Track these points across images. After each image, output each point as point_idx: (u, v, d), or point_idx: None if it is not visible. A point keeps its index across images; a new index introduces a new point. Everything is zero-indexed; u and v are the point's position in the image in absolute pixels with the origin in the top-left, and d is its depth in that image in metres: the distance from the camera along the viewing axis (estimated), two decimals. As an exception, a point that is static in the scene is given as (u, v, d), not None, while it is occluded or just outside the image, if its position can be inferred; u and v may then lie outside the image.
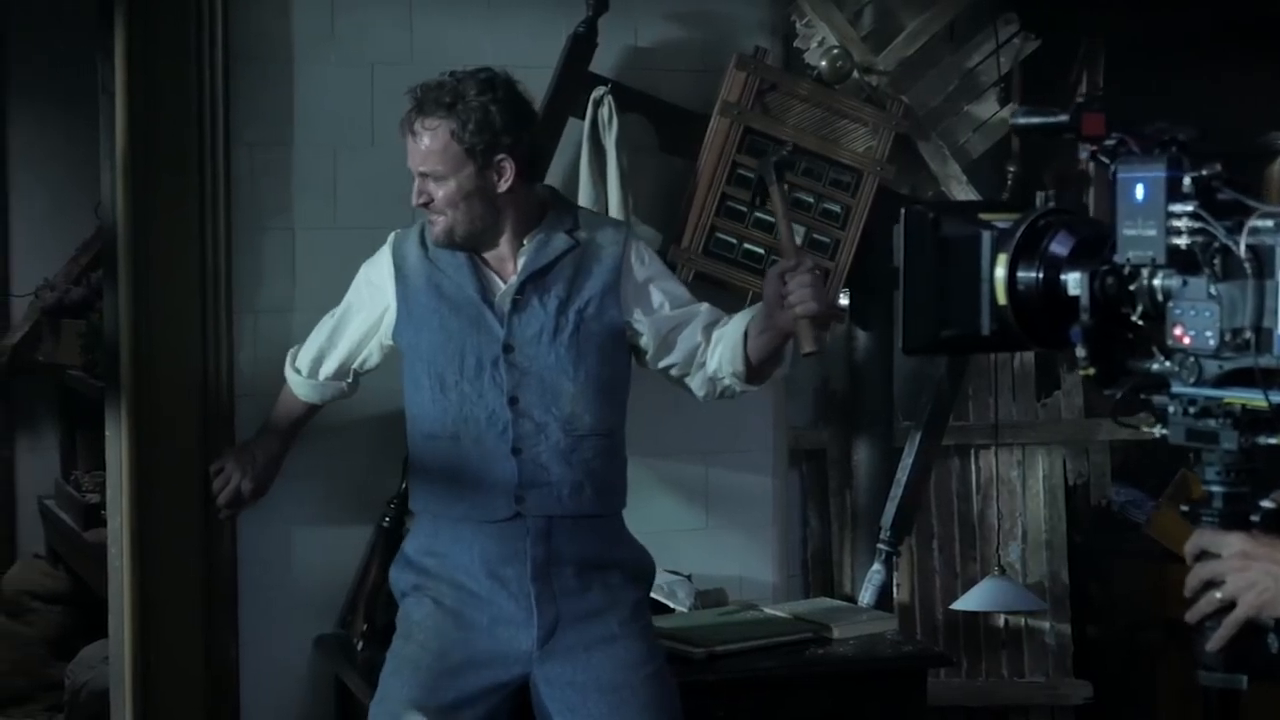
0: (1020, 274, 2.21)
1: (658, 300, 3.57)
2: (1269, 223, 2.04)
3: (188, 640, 3.94)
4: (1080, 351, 2.17)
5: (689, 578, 4.25)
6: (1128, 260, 2.12)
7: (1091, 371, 2.18)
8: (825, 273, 4.15)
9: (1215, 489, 2.18)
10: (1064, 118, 2.26)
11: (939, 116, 4.56)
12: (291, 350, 3.81)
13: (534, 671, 3.44)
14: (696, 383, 3.59)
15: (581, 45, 4.17)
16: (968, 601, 4.55)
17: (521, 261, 3.49)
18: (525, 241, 3.50)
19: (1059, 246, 2.21)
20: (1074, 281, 2.16)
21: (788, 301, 3.31)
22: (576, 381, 3.47)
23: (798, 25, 4.40)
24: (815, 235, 4.28)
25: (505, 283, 3.50)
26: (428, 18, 4.16)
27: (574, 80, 4.17)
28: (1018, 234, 2.22)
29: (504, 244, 3.50)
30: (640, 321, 3.56)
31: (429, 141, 3.42)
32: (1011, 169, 4.57)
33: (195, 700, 3.94)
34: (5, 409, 6.60)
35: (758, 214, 4.20)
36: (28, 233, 6.61)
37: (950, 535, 4.77)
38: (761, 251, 4.25)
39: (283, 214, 4.06)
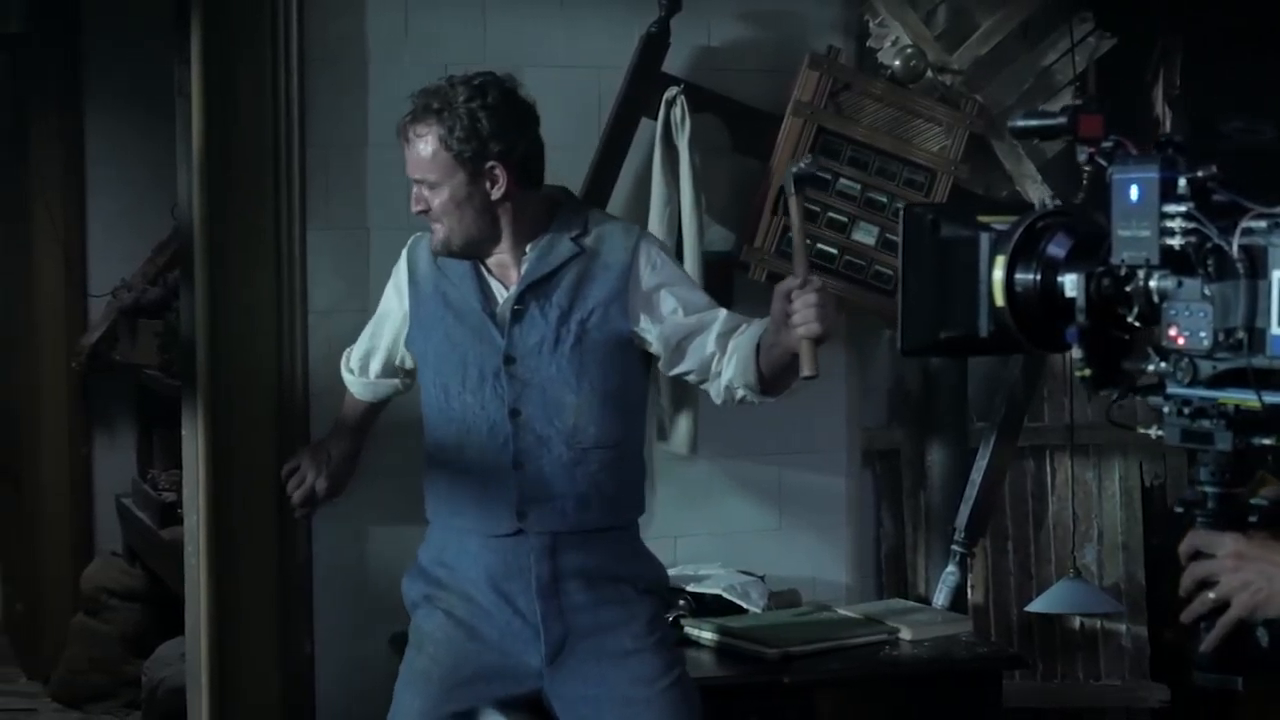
0: (1018, 275, 2.20)
1: (669, 306, 3.44)
2: (1263, 223, 2.04)
3: (263, 638, 3.96)
4: (1076, 353, 2.16)
5: (762, 578, 4.24)
6: (1123, 261, 2.12)
7: (1088, 373, 2.17)
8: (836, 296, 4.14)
9: (1209, 489, 2.17)
10: (1062, 120, 2.25)
11: (1013, 115, 4.52)
12: (346, 350, 3.81)
13: (545, 688, 3.40)
14: (713, 390, 3.47)
15: (654, 45, 4.17)
16: (1043, 603, 4.52)
17: (523, 270, 3.42)
18: (528, 249, 3.42)
19: (1056, 248, 2.20)
20: (1071, 283, 2.15)
21: (791, 321, 3.16)
22: (580, 393, 3.39)
23: (871, 25, 4.39)
24: (889, 235, 4.26)
25: (508, 291, 3.43)
26: (501, 18, 4.17)
27: (647, 80, 4.17)
28: (1016, 235, 2.21)
29: (506, 251, 3.43)
30: (648, 329, 3.45)
31: (421, 148, 3.36)
32: (1087, 168, 4.53)
33: (271, 697, 3.96)
34: (83, 408, 6.66)
35: (830, 214, 4.20)
36: (105, 234, 6.66)
37: (1025, 537, 4.74)
38: (834, 252, 4.24)
39: (356, 214, 4.08)
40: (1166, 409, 2.15)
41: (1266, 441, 2.11)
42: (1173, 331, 2.09)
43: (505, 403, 3.40)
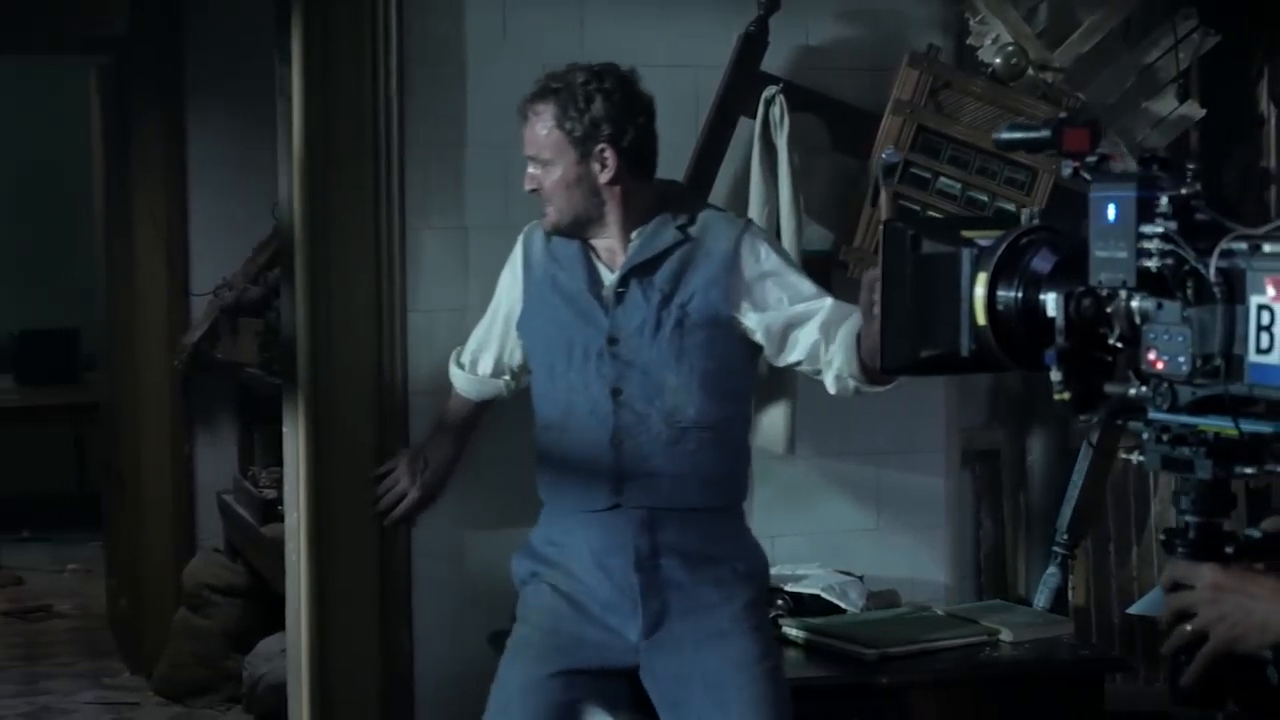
0: (1000, 293, 2.13)
1: (774, 296, 3.53)
2: (1242, 245, 1.95)
3: (363, 634, 3.99)
4: (1055, 375, 2.08)
5: (861, 578, 4.22)
6: (1099, 282, 2.04)
7: (1066, 396, 2.09)
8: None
9: (1190, 519, 2.10)
10: (1046, 133, 2.18)
11: (1116, 114, 4.48)
12: (457, 348, 3.87)
13: (641, 663, 3.45)
14: (828, 380, 3.51)
15: (753, 44, 4.17)
16: (1144, 606, 4.44)
17: (628, 254, 3.51)
18: (634, 235, 3.52)
19: (1039, 265, 2.12)
20: (1052, 302, 2.08)
21: (874, 312, 3.11)
22: (679, 375, 3.47)
23: (971, 23, 4.36)
24: (989, 234, 4.22)
25: (614, 275, 3.53)
26: (599, 18, 4.18)
27: (745, 79, 4.16)
28: (998, 252, 2.14)
29: (614, 236, 3.53)
30: (750, 316, 3.53)
31: (536, 126, 3.49)
32: (1191, 166, 4.48)
33: (371, 694, 3.99)
34: (185, 406, 6.73)
35: (930, 213, 4.17)
36: (207, 233, 6.73)
37: (1127, 538, 4.70)
38: (934, 250, 4.21)
39: (455, 213, 4.10)
40: (1146, 435, 2.08)
41: (1248, 471, 2.03)
42: (1152, 355, 2.01)
43: (607, 382, 3.49)
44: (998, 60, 4.26)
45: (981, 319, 2.14)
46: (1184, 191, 2.02)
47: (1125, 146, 4.42)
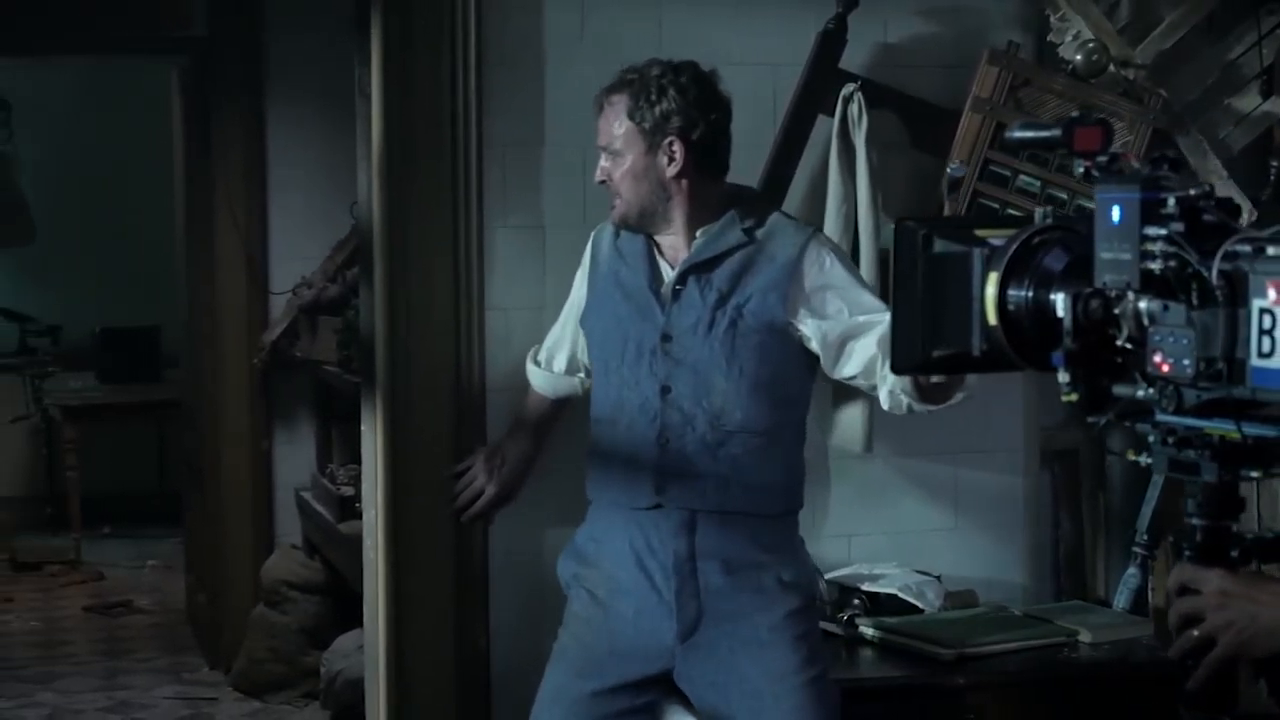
0: (1011, 293, 2.10)
1: (834, 307, 3.47)
2: (1246, 248, 1.92)
3: (440, 632, 4.00)
4: (1063, 376, 2.06)
5: (938, 578, 4.20)
6: (1104, 284, 2.02)
7: (1074, 397, 2.06)
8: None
9: (1196, 522, 2.08)
10: (1057, 133, 2.14)
11: (1198, 110, 4.44)
12: (535, 346, 3.88)
13: (677, 668, 3.44)
14: (882, 396, 3.46)
15: (831, 42, 4.15)
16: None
17: (690, 252, 3.50)
18: (699, 234, 3.50)
19: (1051, 265, 2.10)
20: (1061, 302, 2.06)
21: None
22: (730, 377, 3.44)
23: (1051, 19, 4.33)
24: (1069, 232, 4.20)
25: (675, 272, 3.52)
26: (677, 17, 4.17)
27: (823, 77, 4.15)
28: (1010, 251, 2.11)
29: (679, 233, 3.52)
30: (807, 324, 3.48)
31: (609, 116, 3.51)
32: (1275, 163, 4.44)
33: (447, 692, 4.00)
34: (264, 404, 6.77)
35: (1010, 211, 4.15)
36: (286, 232, 6.77)
37: (1207, 539, 4.65)
38: (1013, 249, 4.19)
39: (533, 212, 4.11)
40: (1152, 437, 2.06)
41: (1254, 474, 2.01)
42: (1157, 358, 1.98)
43: (658, 380, 3.48)
44: (1078, 57, 4.23)
45: (993, 319, 2.12)
46: (1192, 193, 1.99)
47: (1207, 144, 4.39)
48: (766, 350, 3.46)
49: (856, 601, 4.02)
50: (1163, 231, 1.97)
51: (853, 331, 3.45)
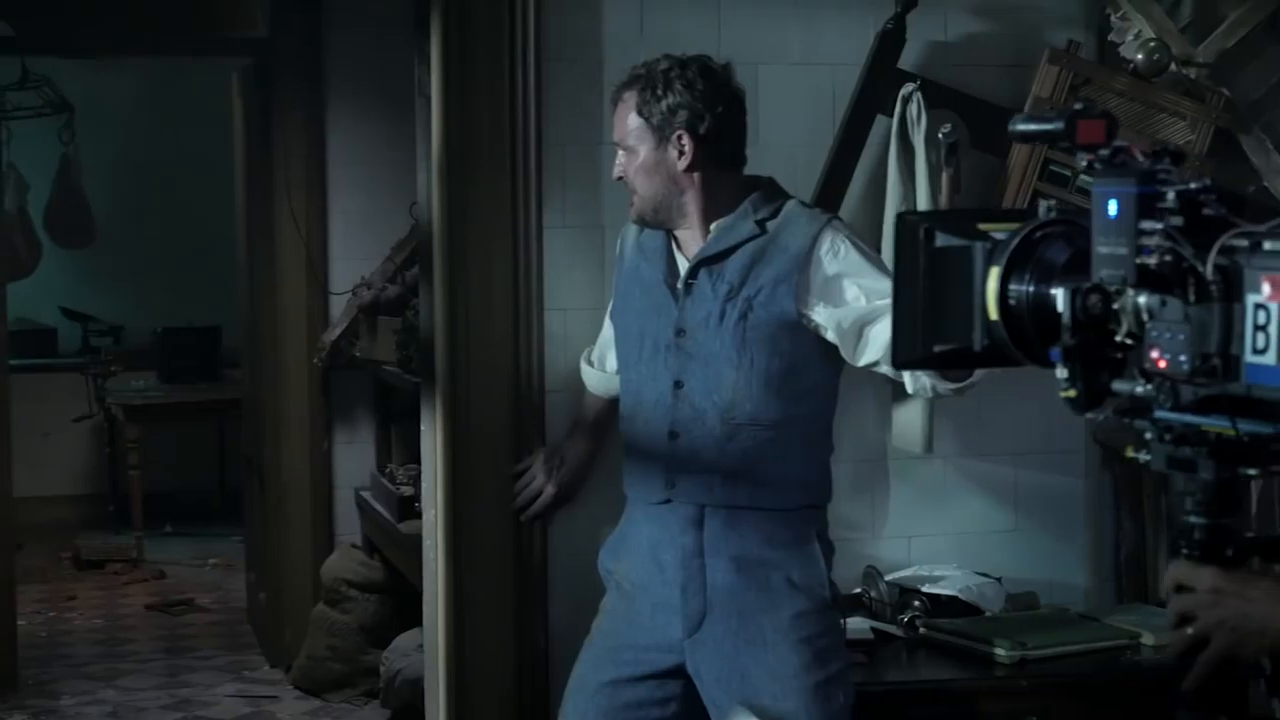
0: (1012, 287, 2.07)
1: (850, 294, 3.42)
2: (1244, 242, 1.88)
3: (500, 631, 4.00)
4: (1060, 372, 2.02)
5: (999, 580, 4.19)
6: (1101, 279, 1.99)
7: (1073, 394, 2.03)
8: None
9: (1193, 520, 2.05)
10: (1059, 125, 2.11)
11: (1261, 109, 4.41)
12: (589, 346, 3.90)
13: (687, 662, 3.44)
14: (906, 380, 3.44)
15: (890, 41, 4.14)
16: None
17: (703, 245, 3.50)
18: (713, 226, 3.50)
19: (1052, 259, 2.07)
20: (1061, 297, 2.03)
21: None
22: (740, 370, 3.42)
23: (1112, 18, 4.30)
24: (1130, 232, 4.18)
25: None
26: (736, 16, 4.17)
27: (882, 77, 4.14)
28: (1011, 246, 2.08)
29: (695, 227, 3.51)
30: (820, 314, 3.43)
31: (621, 113, 3.52)
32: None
33: (508, 691, 4.01)
34: (324, 403, 6.81)
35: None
36: (345, 232, 6.80)
37: (1271, 541, 4.61)
38: (1074, 249, 4.17)
39: (592, 212, 4.11)
40: (1150, 434, 2.02)
41: (1251, 472, 1.98)
42: (1154, 353, 1.95)
43: (672, 374, 3.48)
44: (1140, 56, 4.20)
45: (994, 313, 2.09)
46: (1193, 186, 1.96)
47: (1271, 142, 4.35)
48: (776, 342, 3.43)
49: (917, 603, 4.01)
50: (1159, 225, 1.95)
51: (869, 317, 3.39)
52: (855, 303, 3.41)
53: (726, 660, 3.40)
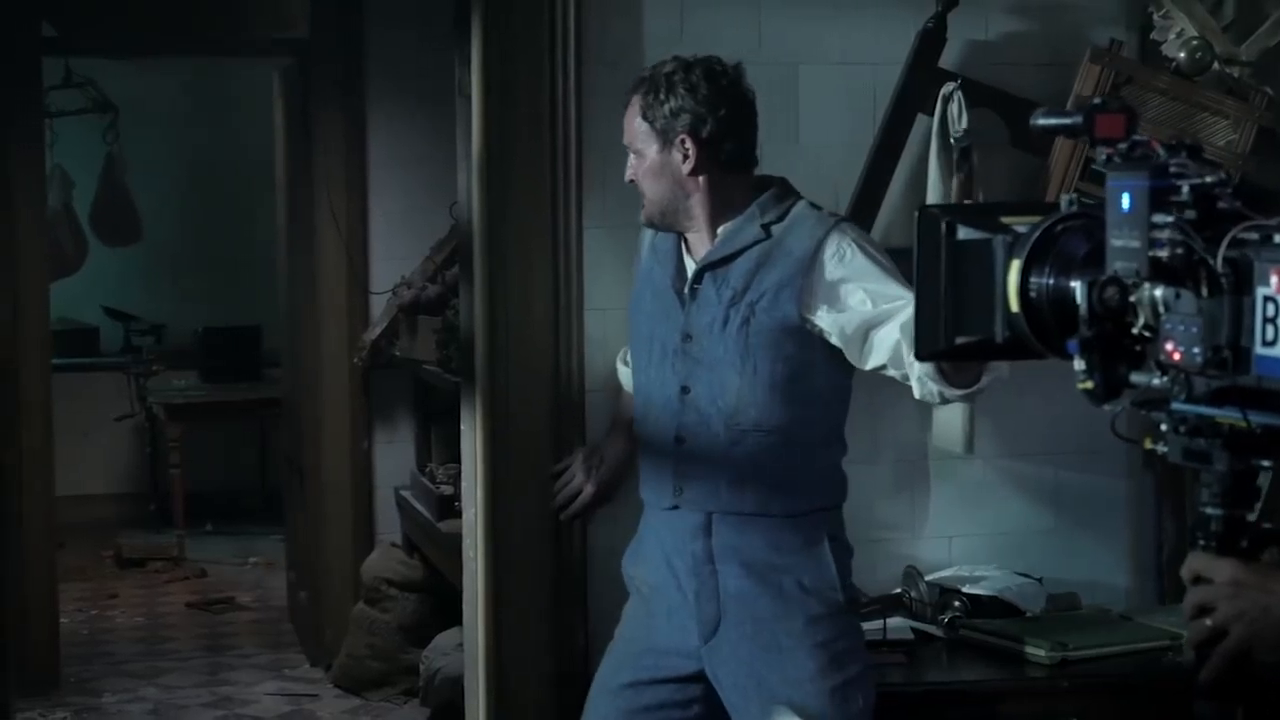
0: (1033, 280, 2.07)
1: (856, 299, 3.36)
2: (1254, 235, 1.88)
3: (539, 630, 4.01)
4: (1078, 364, 2.02)
5: (1040, 580, 4.18)
6: (1115, 272, 1.99)
7: (1090, 385, 2.01)
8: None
9: (1210, 511, 2.03)
10: (1079, 119, 2.10)
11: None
12: (624, 347, 3.89)
13: (705, 667, 3.44)
14: (914, 385, 3.33)
15: (931, 40, 4.13)
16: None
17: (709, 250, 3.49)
18: (720, 230, 3.48)
19: (1072, 252, 2.07)
20: (1079, 289, 2.02)
21: None
22: (744, 375, 3.40)
23: (1155, 16, 4.29)
24: (1172, 231, 4.16)
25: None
26: (776, 17, 4.17)
27: (923, 76, 4.13)
28: (1033, 238, 2.08)
29: (702, 230, 3.50)
30: (824, 318, 3.39)
31: (629, 116, 3.52)
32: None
33: (547, 689, 4.01)
34: (364, 402, 6.82)
35: (1112, 210, 4.12)
36: (386, 232, 6.82)
37: (1314, 542, 4.59)
38: (1116, 248, 4.16)
39: (632, 213, 4.10)
40: (1165, 425, 2.02)
41: (1264, 464, 1.97)
42: (1169, 346, 1.95)
43: (679, 379, 3.47)
44: (1182, 55, 4.18)
45: (1015, 306, 2.09)
46: (1208, 180, 1.96)
47: (1315, 142, 4.33)
48: (780, 346, 3.40)
49: (957, 604, 4.00)
50: (1170, 219, 1.95)
51: (874, 320, 3.34)
52: (860, 307, 3.36)
53: (743, 666, 3.40)
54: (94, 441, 9.72)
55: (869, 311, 3.35)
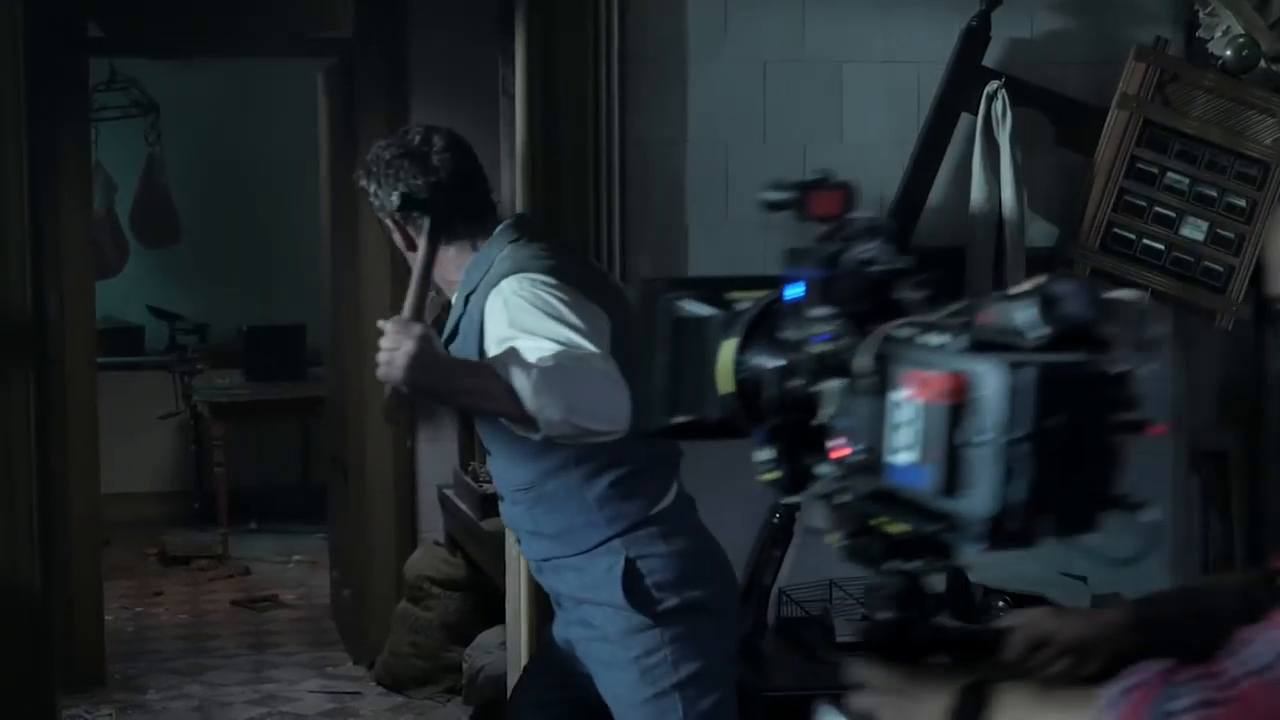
0: (747, 360, 1.97)
1: (493, 346, 3.23)
2: (905, 332, 1.79)
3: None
4: (763, 453, 1.94)
5: (1084, 580, 4.16)
6: (788, 363, 1.91)
7: (777, 475, 1.93)
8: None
9: (878, 614, 1.97)
10: (793, 194, 1.98)
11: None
12: None
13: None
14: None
15: (975, 39, 4.12)
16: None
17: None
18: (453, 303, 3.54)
19: (786, 334, 1.96)
20: (767, 376, 1.94)
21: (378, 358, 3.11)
22: (495, 445, 3.45)
23: (1200, 14, 4.27)
24: (1218, 230, 4.14)
25: None
26: (820, 14, 4.16)
27: (967, 75, 4.12)
28: (750, 317, 1.98)
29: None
30: None
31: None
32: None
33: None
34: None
35: (1157, 209, 4.10)
36: (429, 231, 6.81)
37: (1361, 543, 4.57)
38: (1161, 248, 4.14)
39: (676, 211, 4.12)
40: (834, 521, 1.93)
41: (916, 565, 1.90)
42: (836, 442, 1.86)
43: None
44: (1228, 52, 4.17)
45: (728, 386, 1.99)
46: (885, 268, 1.89)
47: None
48: (495, 418, 3.30)
49: (1002, 604, 3.99)
50: (833, 310, 1.88)
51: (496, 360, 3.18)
52: (496, 349, 3.22)
53: (570, 688, 3.54)
54: (139, 440, 9.76)
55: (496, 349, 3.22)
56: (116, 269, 9.64)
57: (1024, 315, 1.73)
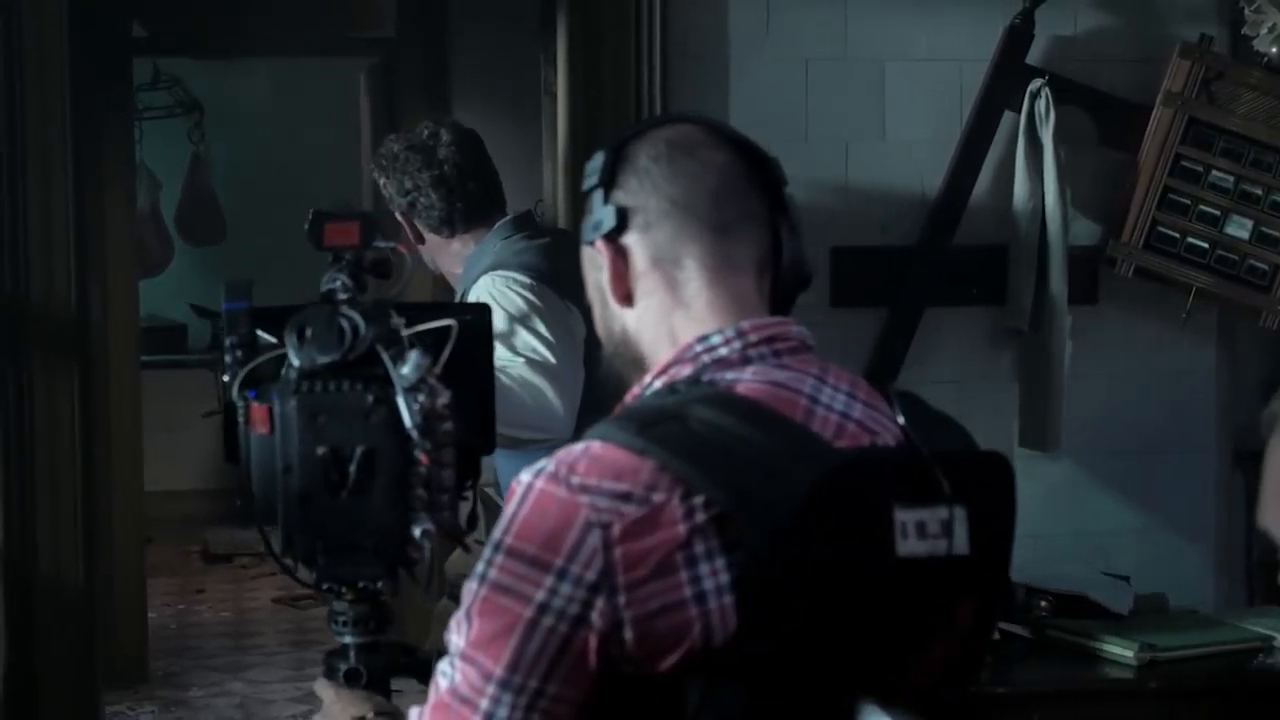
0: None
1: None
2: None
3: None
4: None
5: (1128, 580, 4.14)
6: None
7: None
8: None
9: (349, 639, 2.14)
10: (308, 225, 2.12)
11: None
12: None
13: None
14: None
15: (1018, 37, 4.11)
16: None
17: None
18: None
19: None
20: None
21: None
22: None
23: (1246, 11, 4.24)
24: (1263, 229, 4.12)
25: None
26: (862, 12, 4.15)
27: (1010, 73, 4.11)
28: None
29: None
30: None
31: None
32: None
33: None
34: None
35: (1201, 207, 4.08)
36: (470, 229, 6.83)
37: (1407, 544, 4.53)
38: (1205, 246, 4.12)
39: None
40: None
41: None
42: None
43: None
44: (1274, 50, 4.14)
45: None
46: (343, 297, 1.98)
47: None
48: None
49: (1044, 603, 3.97)
50: (236, 339, 2.10)
51: None
52: None
53: None
54: (182, 438, 9.77)
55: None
56: (163, 266, 9.68)
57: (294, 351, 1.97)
